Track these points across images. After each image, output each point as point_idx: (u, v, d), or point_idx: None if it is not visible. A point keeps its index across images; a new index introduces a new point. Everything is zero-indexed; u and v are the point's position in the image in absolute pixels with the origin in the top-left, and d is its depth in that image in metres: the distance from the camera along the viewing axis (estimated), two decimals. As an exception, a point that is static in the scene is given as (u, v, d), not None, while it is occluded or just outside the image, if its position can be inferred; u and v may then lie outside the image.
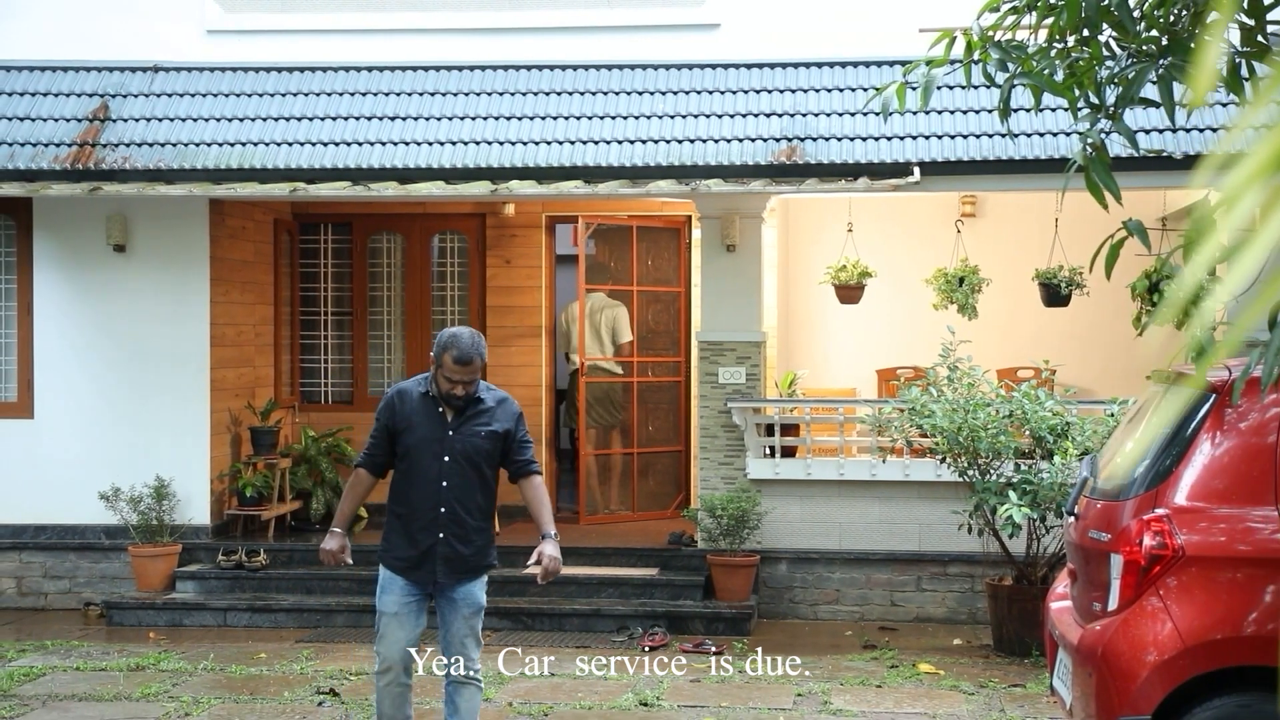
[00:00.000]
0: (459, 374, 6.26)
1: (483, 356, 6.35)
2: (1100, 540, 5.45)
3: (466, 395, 6.32)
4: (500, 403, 6.53)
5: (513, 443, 6.47)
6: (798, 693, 8.69)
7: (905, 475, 11.10)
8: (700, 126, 11.01)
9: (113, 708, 8.32)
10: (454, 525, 6.33)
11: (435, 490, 6.33)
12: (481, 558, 6.47)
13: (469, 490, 6.36)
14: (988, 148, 10.62)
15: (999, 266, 12.59)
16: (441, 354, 6.29)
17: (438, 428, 6.36)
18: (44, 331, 11.79)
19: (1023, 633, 9.75)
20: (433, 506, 6.33)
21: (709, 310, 11.47)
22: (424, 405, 6.40)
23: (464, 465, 6.35)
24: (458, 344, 6.26)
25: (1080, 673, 5.41)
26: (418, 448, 6.34)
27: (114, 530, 11.62)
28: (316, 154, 11.05)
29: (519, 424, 6.53)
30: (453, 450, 6.35)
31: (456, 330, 6.34)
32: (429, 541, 6.34)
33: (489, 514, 6.53)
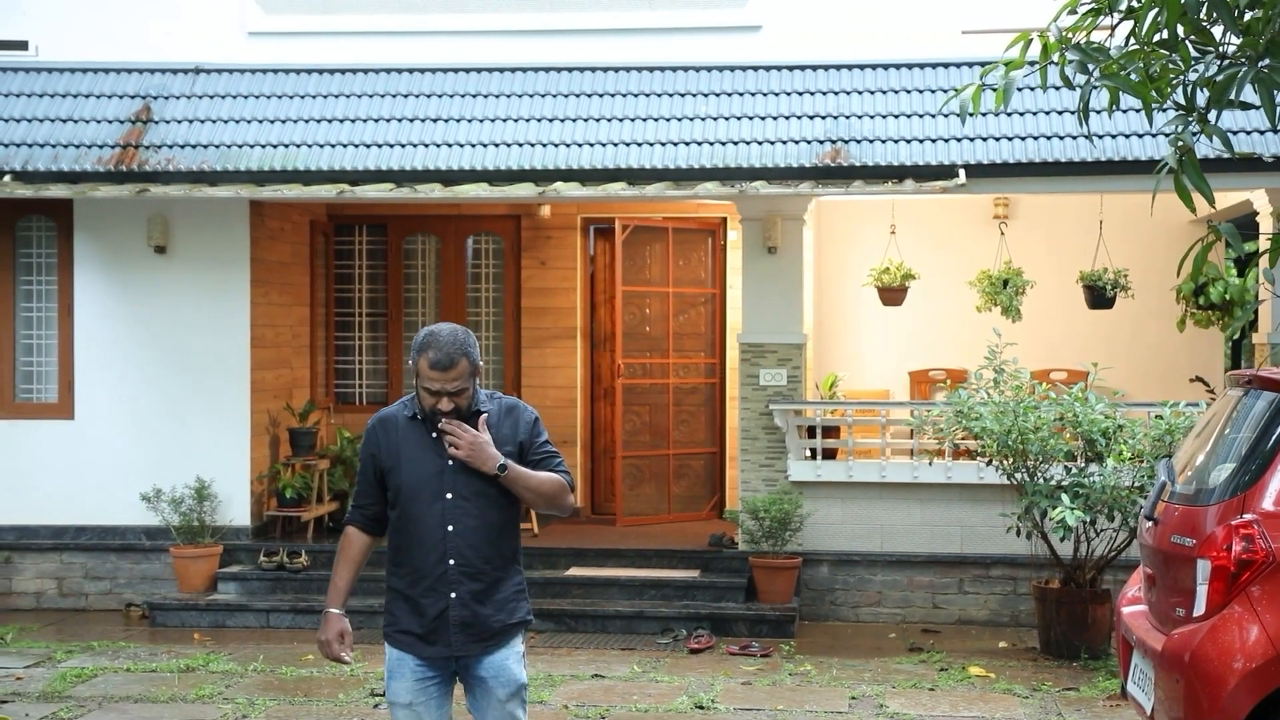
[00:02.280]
0: (440, 381, 4.81)
1: (472, 357, 4.88)
2: (1184, 545, 5.44)
3: (458, 410, 4.86)
4: (508, 411, 5.04)
5: (529, 453, 5.03)
6: (851, 696, 8.69)
7: (947, 477, 11.10)
8: (744, 128, 11.01)
9: (169, 709, 8.32)
10: (468, 580, 4.90)
11: (439, 539, 4.88)
12: (509, 615, 5.01)
13: (483, 533, 4.93)
14: (1033, 150, 10.61)
15: (1033, 268, 12.58)
16: (417, 359, 4.87)
17: (433, 458, 4.90)
18: (84, 333, 11.80)
19: (1071, 635, 9.74)
20: (438, 560, 4.88)
21: (750, 312, 11.46)
22: (413, 432, 4.95)
23: (473, 502, 4.91)
24: (435, 343, 4.84)
25: (1166, 679, 5.41)
26: (412, 487, 4.91)
27: (154, 531, 11.63)
28: (360, 155, 11.05)
29: (535, 430, 5.07)
30: (456, 484, 4.90)
31: (433, 327, 4.93)
32: (439, 606, 4.89)
33: (513, 558, 5.07)
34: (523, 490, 4.97)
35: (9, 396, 11.96)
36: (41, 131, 11.40)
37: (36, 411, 11.94)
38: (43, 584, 11.75)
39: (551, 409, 13.05)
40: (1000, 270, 11.65)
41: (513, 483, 4.93)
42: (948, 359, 13.39)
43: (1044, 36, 5.89)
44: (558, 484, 5.06)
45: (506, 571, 5.03)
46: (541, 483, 5.01)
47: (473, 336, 4.98)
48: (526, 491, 4.98)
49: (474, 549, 4.93)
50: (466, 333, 4.96)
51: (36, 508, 11.75)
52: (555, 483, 5.05)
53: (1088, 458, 9.63)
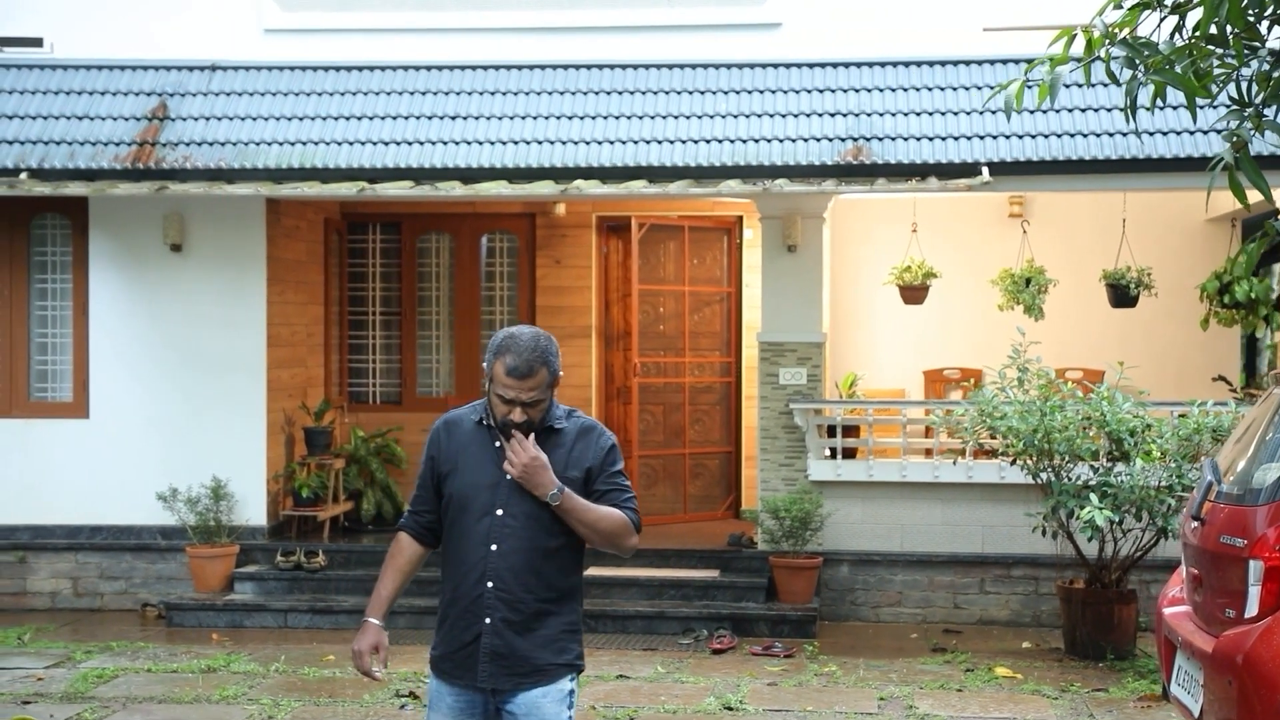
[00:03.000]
0: (515, 390, 4.45)
1: (553, 367, 4.51)
2: (1234, 546, 5.39)
3: (530, 422, 4.50)
4: (584, 432, 4.61)
5: (597, 480, 4.58)
6: (879, 697, 8.64)
7: (968, 477, 11.05)
8: (764, 126, 10.95)
9: (194, 710, 8.27)
10: (504, 607, 4.47)
11: (480, 557, 4.49)
12: (553, 654, 4.54)
13: (528, 558, 4.49)
14: (1055, 148, 10.56)
15: (1048, 267, 12.49)
16: (493, 363, 4.51)
17: (492, 469, 4.53)
18: (100, 331, 11.73)
19: (1096, 636, 9.69)
20: (477, 580, 4.48)
21: (770, 311, 11.41)
22: (477, 438, 4.60)
23: (523, 523, 4.50)
24: (513, 347, 4.47)
25: (1217, 681, 5.35)
26: (464, 497, 4.55)
27: (170, 531, 11.56)
28: (378, 153, 10.99)
29: (609, 458, 4.61)
30: (510, 501, 4.50)
31: (513, 330, 4.55)
32: (472, 631, 4.49)
33: (567, 594, 4.60)
34: (577, 524, 4.52)
35: (23, 396, 11.90)
36: (57, 129, 11.33)
37: (51, 411, 11.87)
38: (58, 584, 11.69)
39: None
40: (1023, 269, 11.57)
41: (567, 514, 4.50)
42: (962, 358, 13.33)
43: (1088, 31, 5.83)
44: (619, 522, 4.57)
45: (556, 606, 4.55)
46: (600, 519, 4.54)
47: (555, 344, 4.58)
48: (582, 525, 4.52)
49: (514, 574, 4.48)
50: (549, 339, 4.57)
51: (51, 507, 11.68)
52: (616, 521, 4.56)
53: (1114, 457, 9.57)
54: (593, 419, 4.71)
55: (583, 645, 4.67)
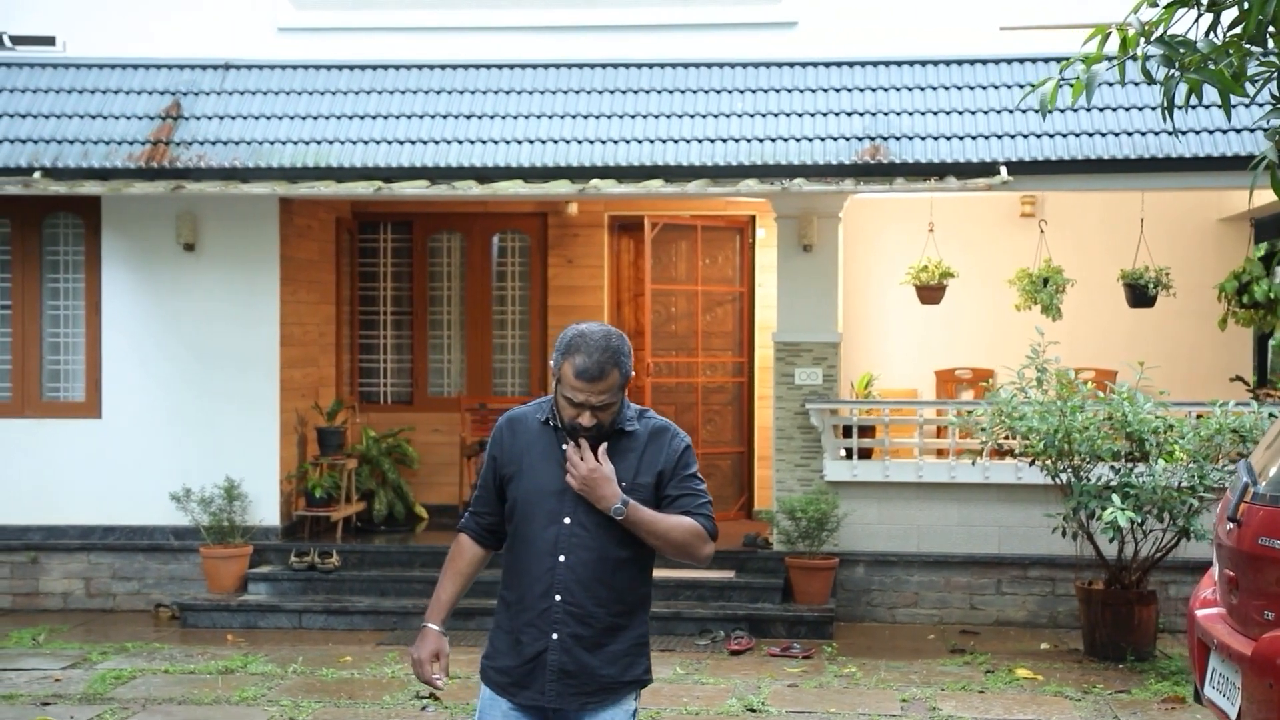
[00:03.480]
0: (585, 393, 4.20)
1: (624, 369, 4.25)
2: (1272, 547, 5.36)
3: (600, 427, 4.26)
4: (656, 433, 4.36)
5: (669, 484, 4.32)
6: (902, 698, 8.60)
7: (985, 478, 11.01)
8: (781, 125, 10.92)
9: (214, 711, 8.23)
10: (573, 622, 4.23)
11: (548, 568, 4.25)
12: (621, 671, 4.30)
13: (599, 569, 4.24)
14: (1074, 147, 10.53)
15: (1061, 267, 12.48)
16: (561, 363, 4.25)
17: (559, 473, 4.29)
18: (112, 331, 11.69)
19: (1116, 637, 9.66)
20: (543, 592, 4.25)
21: (785, 310, 11.37)
22: (543, 439, 4.35)
23: (593, 533, 4.24)
24: (583, 346, 4.21)
25: (1255, 684, 5.32)
26: (529, 503, 4.30)
27: (182, 531, 11.52)
28: (393, 152, 10.95)
29: (682, 460, 4.35)
30: (578, 509, 4.25)
31: (583, 327, 4.30)
32: (537, 646, 4.25)
33: (637, 606, 4.34)
34: (645, 535, 4.23)
35: (35, 395, 11.85)
36: (70, 128, 11.28)
37: (63, 410, 11.83)
38: (70, 584, 11.64)
39: (579, 408, 12.94)
40: (1040, 268, 11.53)
41: (634, 526, 4.22)
42: (973, 358, 13.30)
43: (1123, 30, 5.78)
44: (691, 531, 4.27)
45: (626, 620, 4.29)
46: (670, 529, 4.25)
47: (628, 343, 4.30)
48: (651, 537, 4.24)
49: (584, 587, 4.22)
50: (621, 337, 4.29)
51: (63, 508, 11.64)
52: (688, 530, 4.27)
53: (1134, 458, 9.54)
54: (665, 419, 4.43)
55: (650, 658, 4.40)
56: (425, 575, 11.23)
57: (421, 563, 11.50)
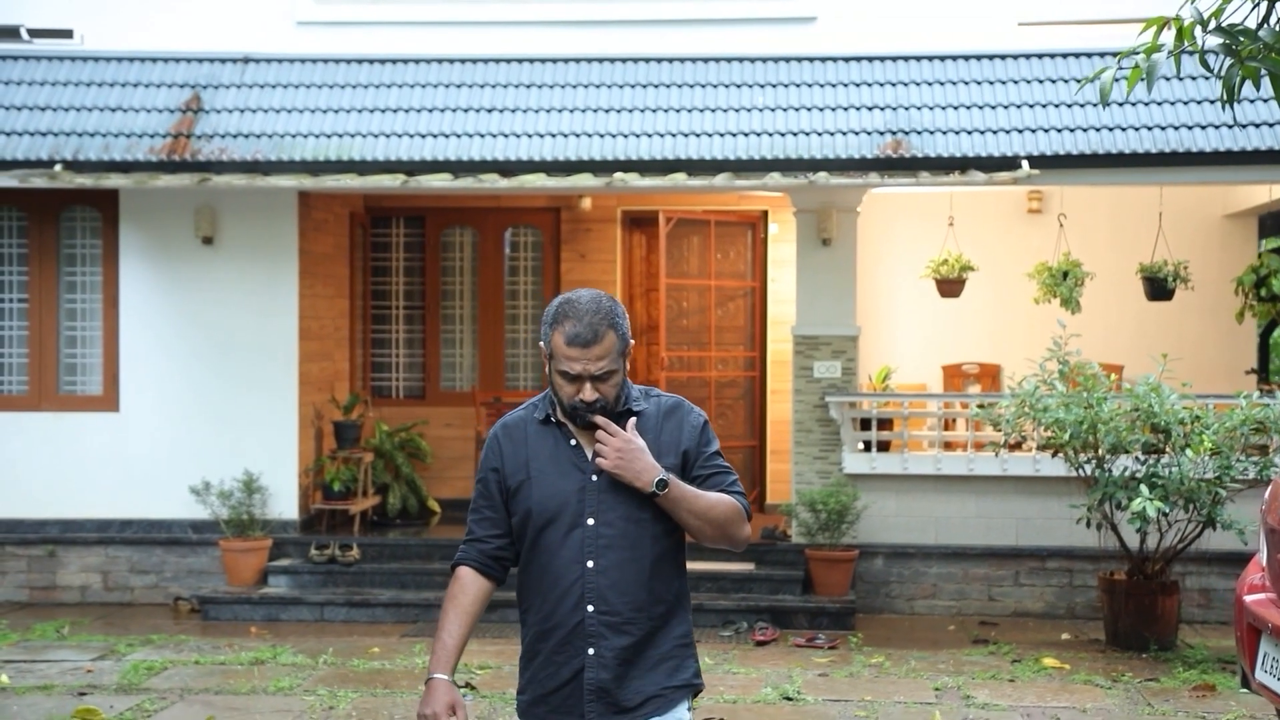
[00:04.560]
0: (581, 361, 3.73)
1: (621, 330, 3.80)
2: (1334, 531, 5.43)
3: (604, 401, 3.79)
4: (669, 411, 3.94)
5: (695, 466, 3.90)
6: (934, 687, 8.67)
7: (1003, 470, 11.09)
8: (803, 119, 10.97)
9: (252, 701, 8.24)
10: (611, 633, 3.80)
11: (575, 578, 3.81)
12: (667, 676, 3.86)
13: (634, 570, 3.82)
14: (1095, 141, 10.61)
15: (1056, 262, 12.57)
16: (550, 335, 3.80)
17: (571, 471, 3.85)
18: (130, 324, 11.68)
19: (1140, 627, 9.74)
20: (574, 605, 3.81)
21: (804, 304, 11.43)
22: (547, 439, 3.90)
23: (622, 529, 3.82)
24: (571, 312, 3.76)
25: (1319, 665, 5.39)
26: (544, 510, 3.85)
27: (201, 525, 11.52)
28: (415, 146, 10.96)
29: (703, 437, 3.93)
30: (601, 506, 3.82)
31: (569, 294, 3.84)
32: (572, 665, 3.82)
33: (676, 604, 3.92)
34: (686, 515, 3.80)
35: (52, 389, 11.84)
36: (90, 121, 11.26)
37: (81, 404, 11.82)
38: (88, 577, 11.63)
39: (592, 402, 12.97)
40: (1059, 262, 11.62)
41: (675, 504, 3.78)
42: (980, 353, 13.39)
43: (1178, 21, 5.84)
44: (732, 509, 3.86)
45: (665, 620, 3.86)
46: (711, 506, 3.82)
47: (621, 306, 3.85)
48: (692, 517, 3.80)
49: (620, 592, 3.79)
50: (612, 300, 3.84)
51: (81, 501, 11.62)
52: (729, 508, 3.85)
53: (1157, 449, 9.61)
54: (676, 396, 4.00)
55: (698, 659, 3.96)
56: (444, 568, 11.13)
57: (441, 556, 11.53)
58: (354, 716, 7.91)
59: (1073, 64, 11.16)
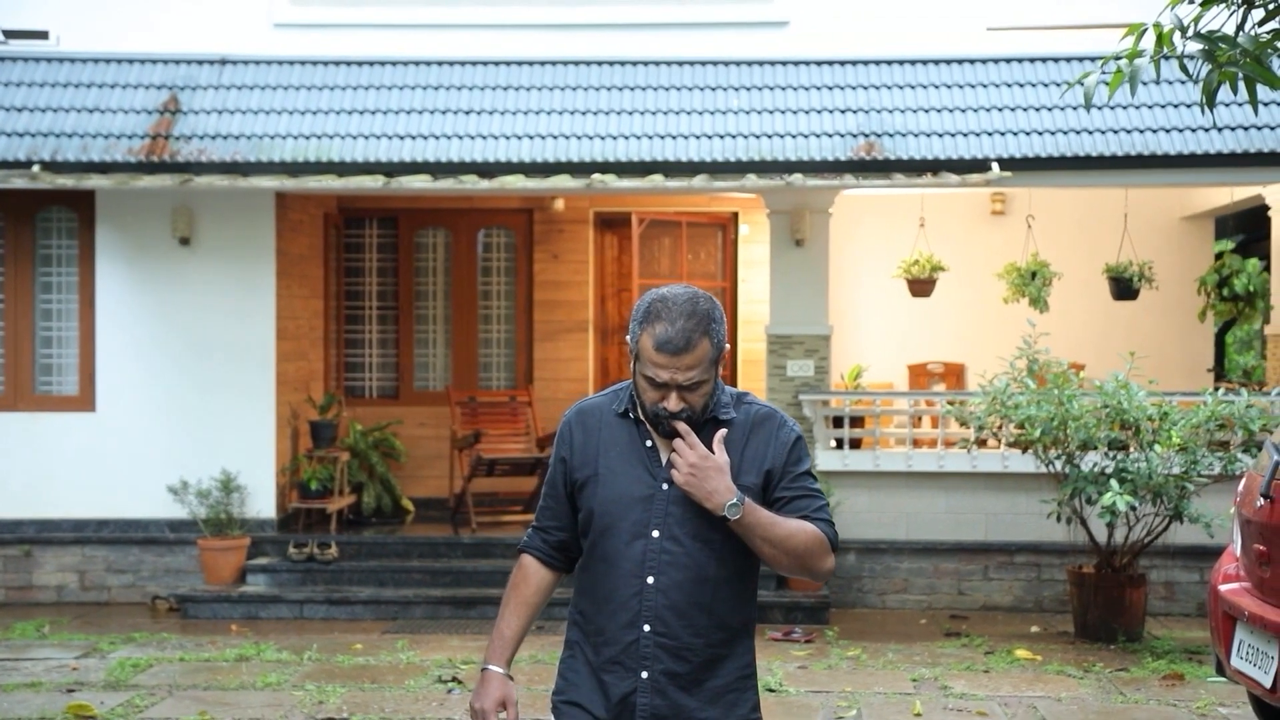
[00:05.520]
0: (669, 369, 3.44)
1: (716, 338, 3.49)
2: (1310, 520, 5.63)
3: (690, 412, 3.49)
4: (759, 423, 3.61)
5: (779, 485, 3.57)
6: (912, 678, 8.85)
7: (972, 466, 11.29)
8: (777, 122, 11.14)
9: (241, 696, 8.32)
10: (667, 657, 3.53)
11: (634, 592, 3.54)
12: (726, 710, 3.58)
13: (697, 592, 3.53)
14: (1064, 144, 10.82)
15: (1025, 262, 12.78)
16: (639, 334, 3.50)
17: (643, 475, 3.57)
18: (106, 324, 11.72)
19: (1108, 619, 9.95)
20: (629, 622, 3.54)
21: (778, 304, 11.60)
22: (621, 435, 3.63)
23: (689, 547, 3.53)
24: (665, 312, 3.46)
25: (1296, 649, 5.59)
26: (608, 514, 3.57)
27: (178, 524, 11.57)
28: (395, 147, 11.06)
29: (793, 455, 3.61)
30: (669, 518, 3.54)
31: (664, 291, 3.53)
32: (623, 686, 3.55)
33: (741, 631, 3.62)
34: (760, 543, 3.47)
35: (28, 389, 11.86)
36: (68, 122, 11.30)
37: (57, 404, 11.85)
38: (64, 577, 11.66)
39: (564, 401, 13.08)
40: (1028, 262, 11.85)
41: (748, 531, 3.46)
42: (944, 353, 13.61)
43: (1158, 27, 6.03)
44: (814, 539, 3.52)
45: (728, 649, 3.56)
46: (790, 535, 3.49)
47: (720, 308, 3.53)
48: (766, 545, 3.47)
49: (680, 614, 3.51)
50: (711, 300, 3.53)
51: (57, 501, 11.65)
52: (811, 537, 3.52)
53: (1125, 445, 9.83)
54: (770, 405, 3.68)
55: (759, 692, 3.67)
56: (423, 565, 11.39)
57: (419, 554, 11.65)
58: (345, 710, 8.00)
59: (1040, 69, 11.40)
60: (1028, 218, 12.43)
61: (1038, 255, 12.01)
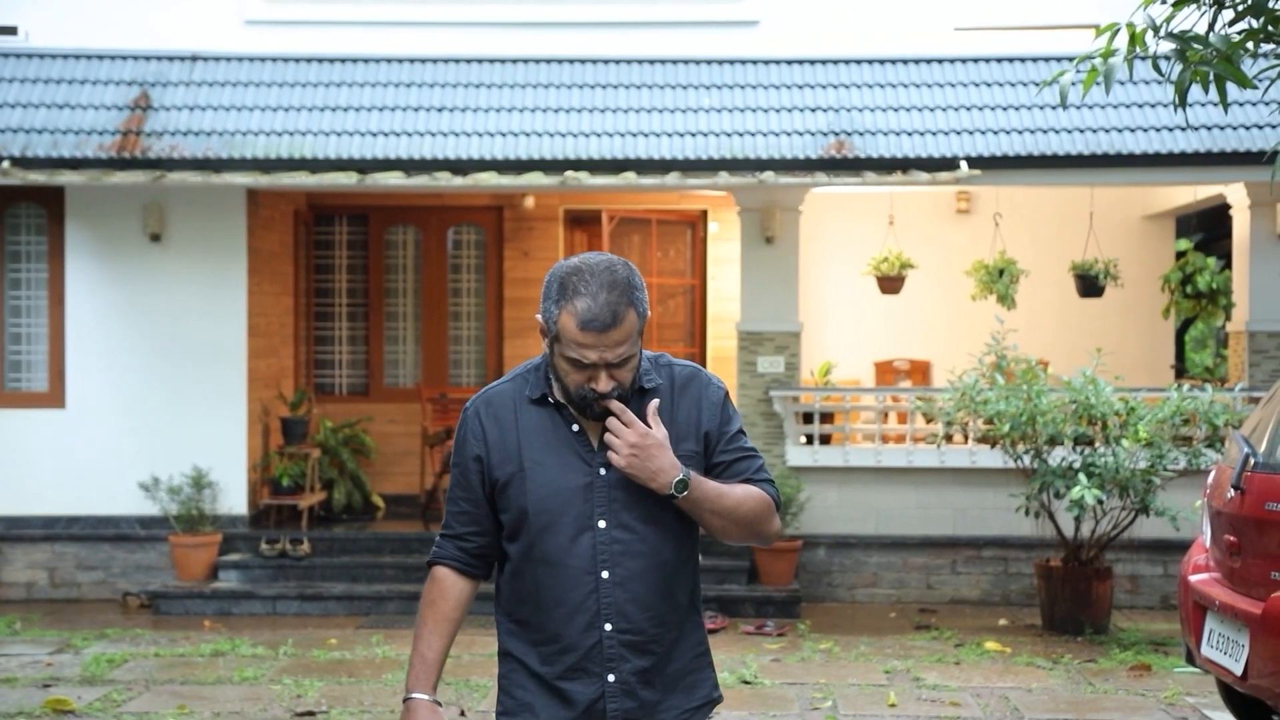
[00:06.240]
0: (596, 348, 3.15)
1: (640, 306, 3.21)
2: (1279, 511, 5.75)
3: (620, 390, 3.21)
4: (684, 385, 3.33)
5: (717, 450, 3.32)
6: (884, 670, 8.95)
7: (941, 462, 11.42)
8: (748, 120, 11.24)
9: (220, 691, 8.34)
10: (633, 654, 3.27)
11: (588, 592, 3.25)
12: (687, 696, 3.34)
13: (655, 580, 3.28)
14: (1030, 144, 10.96)
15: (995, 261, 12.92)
16: (556, 314, 3.17)
17: (576, 463, 3.27)
18: (76, 321, 11.69)
19: (1075, 611, 10.09)
20: (588, 625, 3.25)
21: (748, 301, 11.69)
22: (542, 423, 3.30)
23: (641, 531, 3.26)
24: (584, 285, 3.15)
25: (1269, 642, 5.71)
26: (544, 510, 3.26)
27: (149, 520, 11.57)
28: (368, 144, 11.09)
29: (724, 414, 3.35)
30: (614, 505, 3.25)
31: (578, 261, 3.22)
32: (588, 692, 3.27)
33: (690, 609, 3.40)
34: (709, 515, 3.26)
35: (-3, 385, 11.84)
36: (38, 118, 11.27)
37: (26, 401, 11.81)
38: (34, 574, 11.63)
39: (535, 398, 13.16)
40: (995, 260, 11.99)
41: (696, 505, 3.23)
42: (910, 350, 13.75)
43: (1131, 27, 6.14)
44: (762, 504, 3.32)
45: (682, 629, 3.34)
46: (739, 503, 3.28)
47: (637, 273, 3.24)
48: (715, 517, 3.26)
49: (642, 606, 3.25)
50: (628, 265, 3.23)
51: (26, 498, 11.62)
52: (759, 503, 3.31)
53: (1092, 440, 9.97)
54: (692, 364, 3.40)
55: (714, 668, 3.45)
56: (395, 561, 11.43)
57: (390, 549, 11.68)
58: (324, 704, 8.04)
59: (1008, 68, 11.53)
60: (995, 216, 12.57)
61: (1005, 253, 12.13)
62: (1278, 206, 11.16)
